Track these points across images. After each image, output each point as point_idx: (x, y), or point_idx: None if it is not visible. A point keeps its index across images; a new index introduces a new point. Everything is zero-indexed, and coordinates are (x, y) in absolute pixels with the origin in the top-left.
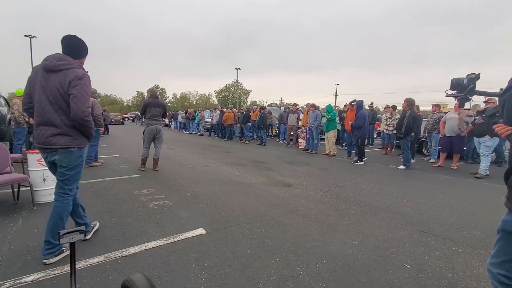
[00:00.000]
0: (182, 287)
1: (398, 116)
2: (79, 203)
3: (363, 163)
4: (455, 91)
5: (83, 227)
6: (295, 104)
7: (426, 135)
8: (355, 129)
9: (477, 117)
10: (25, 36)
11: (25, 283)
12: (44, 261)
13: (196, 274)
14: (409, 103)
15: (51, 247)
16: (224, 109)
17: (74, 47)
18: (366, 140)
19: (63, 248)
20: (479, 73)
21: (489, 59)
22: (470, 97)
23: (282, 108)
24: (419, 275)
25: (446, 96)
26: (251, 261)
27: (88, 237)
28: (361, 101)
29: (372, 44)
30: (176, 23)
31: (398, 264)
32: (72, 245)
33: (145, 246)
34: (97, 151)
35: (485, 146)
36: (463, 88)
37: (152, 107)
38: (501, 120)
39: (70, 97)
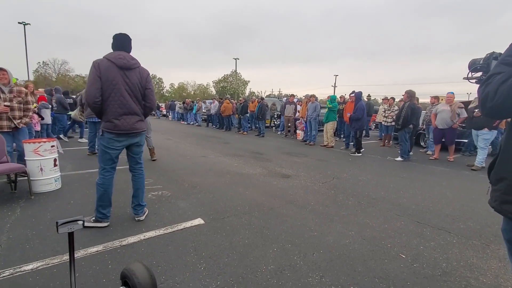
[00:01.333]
0: (181, 276)
1: (396, 107)
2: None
3: (360, 154)
4: (473, 74)
5: (81, 216)
6: (293, 95)
7: (424, 127)
8: (353, 121)
9: (476, 110)
10: (19, 23)
11: (24, 272)
12: (137, 218)
13: (194, 263)
14: (409, 95)
15: (141, 208)
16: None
17: (128, 45)
18: (363, 132)
19: (146, 209)
20: (499, 53)
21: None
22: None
23: (284, 99)
24: (414, 265)
25: (464, 79)
26: (249, 250)
27: (88, 224)
28: (360, 93)
29: (372, 36)
30: (173, 12)
31: (394, 254)
32: (71, 235)
33: (144, 236)
34: None
35: (483, 139)
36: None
37: None
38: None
39: (147, 90)
